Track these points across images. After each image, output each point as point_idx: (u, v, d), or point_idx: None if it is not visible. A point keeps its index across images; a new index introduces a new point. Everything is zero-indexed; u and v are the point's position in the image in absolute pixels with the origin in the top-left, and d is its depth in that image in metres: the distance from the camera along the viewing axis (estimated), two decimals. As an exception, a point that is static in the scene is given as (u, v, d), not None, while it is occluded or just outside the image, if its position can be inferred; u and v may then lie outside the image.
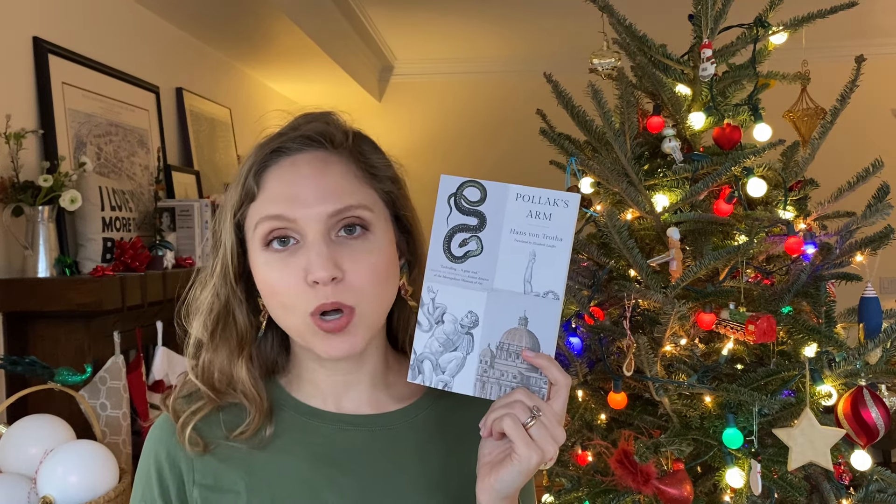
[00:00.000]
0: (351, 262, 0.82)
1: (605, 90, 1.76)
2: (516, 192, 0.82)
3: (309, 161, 0.85)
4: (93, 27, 2.59)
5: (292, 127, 0.88)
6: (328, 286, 0.81)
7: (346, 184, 0.85)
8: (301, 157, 0.85)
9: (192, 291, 0.91)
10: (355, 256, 0.83)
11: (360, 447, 0.88)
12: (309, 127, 0.87)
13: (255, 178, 0.85)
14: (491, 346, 0.82)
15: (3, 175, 2.02)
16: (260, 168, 0.86)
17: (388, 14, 4.01)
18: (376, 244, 0.85)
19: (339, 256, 0.82)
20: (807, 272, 1.68)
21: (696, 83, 1.83)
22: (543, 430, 0.78)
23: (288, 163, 0.85)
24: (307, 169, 0.84)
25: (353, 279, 0.82)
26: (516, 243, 0.82)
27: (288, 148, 0.86)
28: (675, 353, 1.73)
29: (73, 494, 1.57)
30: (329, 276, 0.80)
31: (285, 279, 0.83)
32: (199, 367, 0.89)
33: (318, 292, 0.81)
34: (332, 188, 0.84)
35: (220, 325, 0.88)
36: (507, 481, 0.79)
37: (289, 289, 0.82)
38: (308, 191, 0.83)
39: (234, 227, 0.87)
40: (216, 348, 0.88)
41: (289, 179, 0.84)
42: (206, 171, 3.34)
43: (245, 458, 0.86)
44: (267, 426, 0.87)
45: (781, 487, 1.63)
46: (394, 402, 0.92)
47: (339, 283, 0.82)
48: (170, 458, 0.87)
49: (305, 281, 0.81)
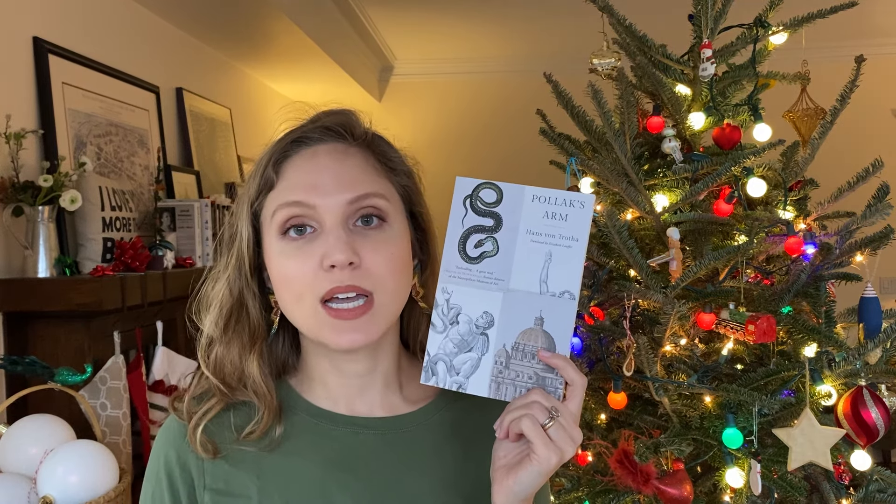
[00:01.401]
0: (369, 252, 0.82)
1: (605, 90, 1.76)
2: (532, 194, 0.83)
3: (329, 151, 0.86)
4: (93, 27, 2.59)
5: (312, 120, 0.89)
6: (345, 270, 0.81)
7: (365, 174, 0.85)
8: (321, 147, 0.86)
9: (205, 287, 0.91)
10: (374, 246, 0.83)
11: (372, 451, 0.87)
12: (329, 119, 0.88)
13: (274, 168, 0.86)
14: (506, 347, 0.82)
15: (3, 175, 2.02)
16: (280, 158, 0.86)
17: (388, 14, 4.01)
18: (393, 235, 0.85)
19: (358, 244, 0.82)
20: (807, 272, 1.68)
21: (696, 83, 1.83)
22: (562, 430, 0.77)
23: (309, 153, 0.86)
24: (327, 159, 0.85)
25: (371, 267, 0.82)
26: (532, 244, 0.82)
27: (308, 138, 0.86)
28: (675, 353, 1.73)
29: (73, 494, 1.57)
30: (347, 259, 0.80)
31: (301, 266, 0.82)
32: (211, 362, 0.89)
33: (334, 276, 0.81)
34: (351, 177, 0.84)
35: (234, 319, 0.88)
36: (526, 483, 0.78)
37: (304, 276, 0.82)
38: (328, 179, 0.83)
39: (250, 218, 0.87)
40: (229, 342, 0.88)
41: (309, 168, 0.85)
42: (206, 171, 3.34)
43: (256, 462, 0.86)
44: (276, 426, 0.87)
45: (781, 487, 1.63)
46: (407, 405, 0.92)
47: (357, 269, 0.81)
48: (180, 461, 0.86)
49: (321, 266, 0.81)
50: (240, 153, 3.79)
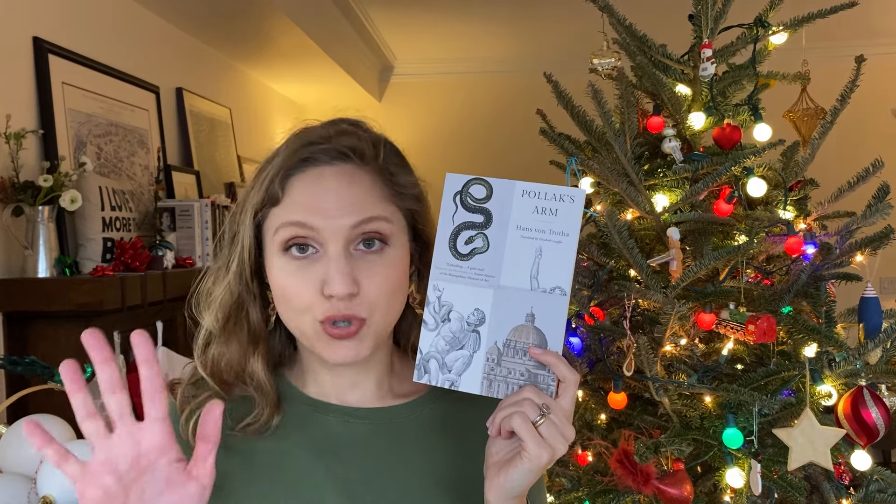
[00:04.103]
0: (367, 277, 0.83)
1: (605, 90, 1.76)
2: (522, 189, 0.82)
3: (335, 174, 0.85)
4: (93, 27, 2.59)
5: (323, 137, 0.88)
6: (343, 300, 0.82)
7: (370, 197, 0.85)
8: (329, 169, 0.86)
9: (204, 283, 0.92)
10: (372, 270, 0.83)
11: (363, 439, 0.88)
12: (340, 140, 0.87)
13: (280, 184, 0.86)
14: (498, 344, 0.81)
15: (3, 175, 2.02)
16: (286, 174, 0.86)
17: (388, 14, 4.01)
18: (393, 258, 0.85)
19: (357, 271, 0.83)
20: (807, 272, 1.68)
21: (696, 83, 1.83)
22: (553, 427, 0.77)
23: (315, 173, 0.86)
24: (333, 182, 0.85)
25: (369, 293, 0.83)
26: (523, 240, 0.82)
27: (317, 159, 0.86)
28: (675, 353, 1.73)
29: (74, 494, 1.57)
30: (346, 291, 0.81)
31: (301, 286, 0.83)
32: (207, 360, 0.90)
33: (333, 304, 0.82)
34: (355, 201, 0.84)
35: (232, 321, 0.89)
36: (517, 480, 0.78)
37: (303, 296, 0.83)
38: (332, 203, 0.83)
39: (253, 227, 0.88)
40: (227, 342, 0.89)
41: (314, 189, 0.85)
42: (206, 171, 3.34)
43: (247, 446, 0.87)
44: (274, 417, 0.88)
45: (781, 487, 1.63)
46: (399, 399, 0.93)
47: (355, 297, 0.82)
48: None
49: (321, 292, 0.82)
50: (240, 153, 3.79)
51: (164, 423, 0.72)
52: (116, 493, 0.71)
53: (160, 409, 0.71)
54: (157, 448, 0.72)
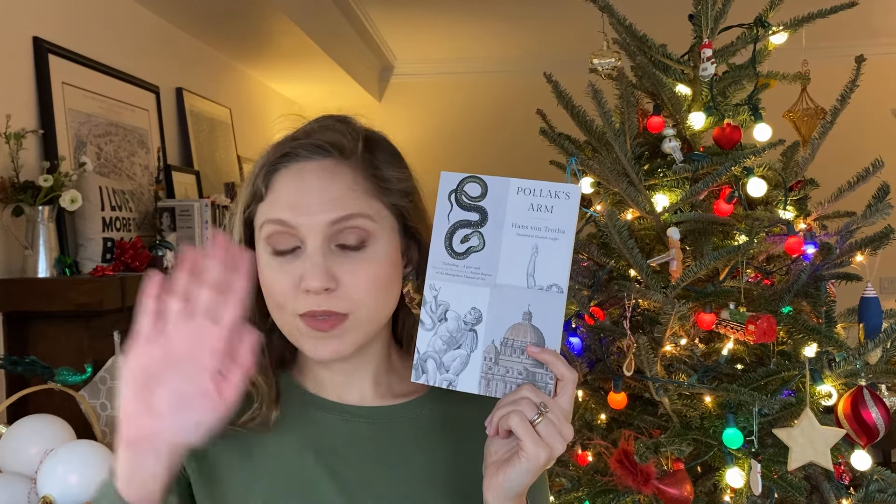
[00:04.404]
0: (349, 274, 0.83)
1: (605, 90, 1.76)
2: (517, 186, 0.82)
3: (315, 170, 0.85)
4: (93, 27, 2.59)
5: (306, 132, 0.88)
6: (321, 294, 0.82)
7: (352, 193, 0.85)
8: (309, 164, 0.86)
9: None
10: (353, 267, 0.83)
11: (362, 437, 0.88)
12: (321, 135, 0.87)
13: (263, 180, 0.86)
14: (495, 343, 0.81)
15: (3, 175, 2.02)
16: (270, 170, 0.86)
17: (388, 14, 4.01)
18: (377, 255, 0.85)
19: (337, 267, 0.83)
20: (807, 272, 1.68)
21: (696, 83, 1.83)
22: (551, 426, 0.77)
23: (296, 168, 0.86)
24: (313, 178, 0.85)
25: (350, 290, 0.83)
26: (518, 237, 0.81)
27: (297, 154, 0.86)
28: (675, 353, 1.73)
29: (73, 494, 1.57)
30: (321, 286, 0.81)
31: (281, 281, 0.84)
32: None
33: (310, 299, 0.82)
34: (335, 197, 0.84)
35: None
36: (516, 480, 0.78)
37: (284, 291, 0.83)
38: (312, 199, 0.83)
39: (243, 223, 0.88)
40: None
41: (294, 186, 0.85)
42: (206, 171, 3.34)
43: (245, 441, 0.87)
44: (273, 412, 0.88)
45: (781, 487, 1.63)
46: (398, 399, 0.93)
47: (332, 293, 0.82)
48: None
49: (299, 287, 0.82)
50: (240, 153, 3.79)
51: (229, 331, 0.71)
52: (155, 374, 0.71)
53: (231, 316, 0.71)
54: (211, 352, 0.71)
